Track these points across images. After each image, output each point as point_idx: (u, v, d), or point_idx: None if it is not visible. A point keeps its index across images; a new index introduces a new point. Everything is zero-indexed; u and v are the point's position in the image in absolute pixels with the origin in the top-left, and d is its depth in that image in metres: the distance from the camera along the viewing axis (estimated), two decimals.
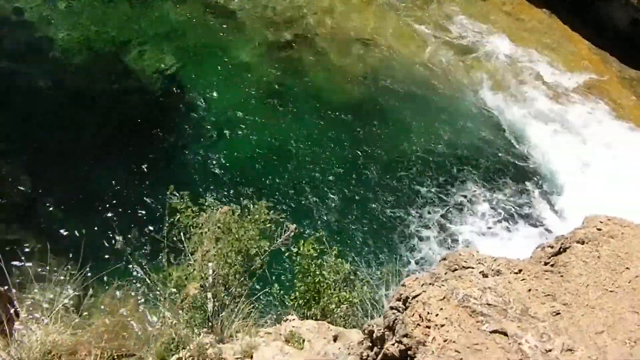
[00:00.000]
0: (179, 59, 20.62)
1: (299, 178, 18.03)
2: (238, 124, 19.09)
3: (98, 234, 15.28)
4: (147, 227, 15.56)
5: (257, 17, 22.86)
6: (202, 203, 10.46)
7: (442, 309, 4.81)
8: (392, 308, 5.17)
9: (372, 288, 10.65)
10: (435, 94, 21.85)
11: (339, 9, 24.02)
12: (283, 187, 17.68)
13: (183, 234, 10.17)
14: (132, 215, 16.02)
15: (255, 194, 13.54)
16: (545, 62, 23.91)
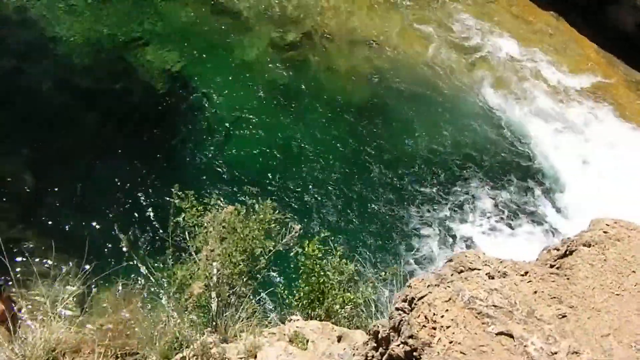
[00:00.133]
0: (184, 58, 20.61)
1: (304, 177, 18.03)
2: (243, 123, 19.09)
3: (102, 232, 15.30)
4: (151, 225, 15.58)
5: (261, 16, 22.85)
6: (207, 202, 10.45)
7: (447, 311, 4.79)
8: (397, 309, 5.16)
9: (376, 289, 10.63)
10: (440, 94, 21.84)
11: (344, 9, 24.01)
12: (288, 186, 17.68)
13: (187, 233, 10.18)
14: (136, 214, 16.04)
15: (260, 194, 13.53)
16: (552, 63, 23.86)
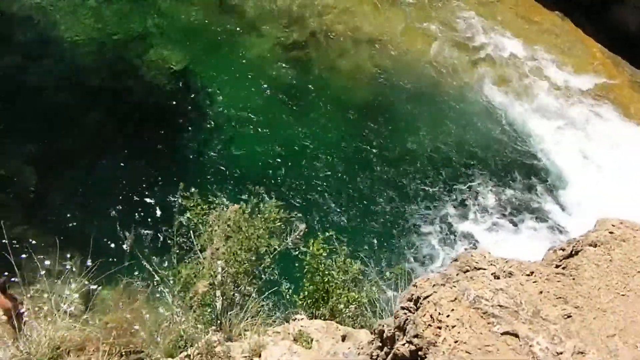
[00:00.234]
0: (189, 57, 20.62)
1: (308, 176, 18.04)
2: (247, 122, 19.10)
3: (106, 231, 15.32)
4: (156, 224, 15.60)
5: (266, 15, 22.85)
6: (212, 201, 10.47)
7: (453, 310, 4.79)
8: (403, 308, 5.16)
9: (380, 289, 10.64)
10: (444, 93, 21.83)
11: (348, 8, 23.99)
12: (292, 185, 17.68)
13: (192, 232, 10.19)
14: (141, 212, 16.06)
15: (265, 192, 13.54)
16: (556, 63, 23.79)
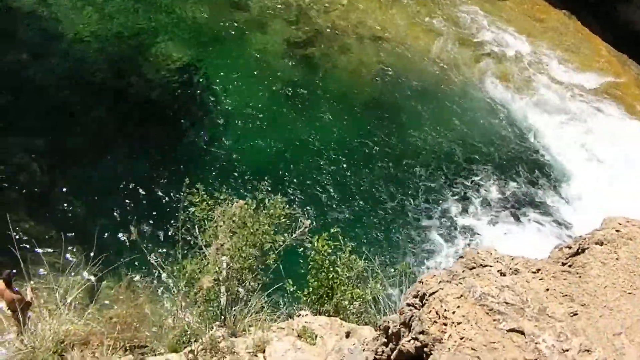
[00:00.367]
0: (195, 53, 20.62)
1: (313, 172, 18.04)
2: (252, 118, 19.10)
3: (113, 226, 15.34)
4: (162, 219, 15.59)
5: (272, 13, 22.86)
6: (217, 197, 10.45)
7: (459, 307, 4.78)
8: (408, 305, 5.15)
9: (385, 286, 10.62)
10: (447, 89, 21.89)
11: (353, 5, 23.98)
12: (297, 181, 17.67)
13: (198, 227, 10.19)
14: (146, 208, 16.06)
15: (270, 188, 13.51)
16: (562, 61, 23.78)
